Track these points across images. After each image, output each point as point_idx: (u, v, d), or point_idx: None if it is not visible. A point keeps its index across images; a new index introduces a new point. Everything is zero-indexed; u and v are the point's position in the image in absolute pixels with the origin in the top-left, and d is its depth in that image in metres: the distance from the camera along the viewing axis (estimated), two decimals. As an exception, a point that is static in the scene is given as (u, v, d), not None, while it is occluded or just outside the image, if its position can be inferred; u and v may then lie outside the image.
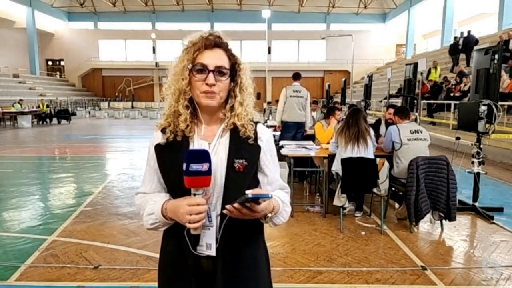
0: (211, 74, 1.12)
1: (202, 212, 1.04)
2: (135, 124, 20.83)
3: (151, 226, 1.18)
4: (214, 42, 1.15)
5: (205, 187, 1.07)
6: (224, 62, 1.15)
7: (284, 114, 6.47)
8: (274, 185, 1.25)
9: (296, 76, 6.66)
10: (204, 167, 1.03)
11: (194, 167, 1.03)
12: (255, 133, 1.20)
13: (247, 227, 1.15)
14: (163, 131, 1.20)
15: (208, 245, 1.13)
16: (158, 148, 1.19)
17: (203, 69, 1.13)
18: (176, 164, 1.10)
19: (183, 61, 1.15)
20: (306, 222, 4.23)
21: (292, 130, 6.41)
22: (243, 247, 1.18)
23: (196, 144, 1.17)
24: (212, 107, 1.16)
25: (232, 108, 1.19)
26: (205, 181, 1.05)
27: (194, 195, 1.06)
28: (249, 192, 1.03)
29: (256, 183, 1.23)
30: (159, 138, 1.20)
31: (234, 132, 1.18)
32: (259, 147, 1.20)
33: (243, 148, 1.17)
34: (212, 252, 1.13)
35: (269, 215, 1.13)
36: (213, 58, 1.14)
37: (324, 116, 5.98)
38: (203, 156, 1.04)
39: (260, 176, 1.23)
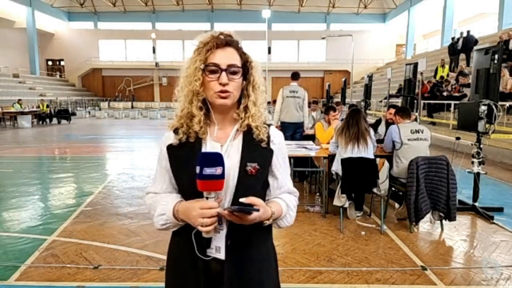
0: (224, 74, 1.11)
1: (214, 215, 1.04)
2: (135, 124, 20.83)
3: (161, 227, 1.17)
4: (226, 41, 1.14)
5: (217, 191, 1.06)
6: (236, 60, 1.15)
7: (282, 114, 6.47)
8: (283, 188, 1.24)
9: (294, 76, 6.63)
10: (218, 171, 1.02)
11: (208, 170, 1.01)
12: (268, 136, 1.20)
13: (255, 229, 1.14)
14: (176, 131, 1.18)
15: (218, 248, 1.13)
16: (170, 148, 1.18)
17: (216, 68, 1.12)
18: (188, 165, 1.10)
19: (195, 62, 1.13)
20: (306, 222, 4.23)
21: (289, 131, 6.40)
22: (251, 249, 1.17)
23: (209, 146, 1.16)
24: (225, 106, 1.15)
25: (246, 109, 1.18)
26: (218, 184, 1.04)
27: (207, 198, 1.05)
28: (243, 200, 1.04)
29: (266, 186, 1.23)
30: (171, 139, 1.19)
31: (247, 134, 1.18)
32: (271, 151, 1.20)
33: (256, 151, 1.16)
34: (221, 256, 1.12)
35: (266, 222, 1.13)
36: (225, 57, 1.13)
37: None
38: (217, 159, 1.03)
39: (270, 180, 1.23)
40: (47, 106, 20.26)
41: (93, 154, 9.87)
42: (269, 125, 1.23)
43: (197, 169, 1.02)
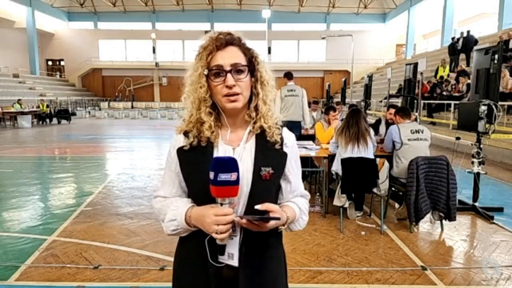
0: (229, 75, 1.07)
1: (229, 222, 1.01)
2: (135, 124, 20.83)
3: (172, 232, 1.13)
4: (226, 41, 1.10)
5: (232, 197, 1.03)
6: (240, 58, 1.10)
7: (282, 114, 6.44)
8: (295, 192, 1.22)
9: (289, 76, 6.65)
10: (233, 176, 0.99)
11: (223, 176, 0.98)
12: (282, 138, 1.16)
13: (269, 235, 1.12)
14: (186, 134, 1.14)
15: (230, 255, 1.10)
16: (180, 151, 1.14)
17: (220, 71, 1.07)
18: (200, 169, 1.07)
19: (197, 69, 1.10)
20: (306, 222, 4.22)
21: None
22: (265, 255, 1.15)
23: (221, 149, 1.12)
24: (237, 109, 1.11)
25: (256, 108, 1.14)
26: (233, 191, 1.01)
27: (221, 204, 1.02)
28: (259, 207, 1.01)
29: (278, 189, 1.20)
30: (181, 142, 1.15)
31: (260, 137, 1.14)
32: (285, 154, 1.16)
33: (270, 155, 1.13)
34: (234, 262, 1.10)
35: (282, 227, 1.11)
36: (228, 57, 1.08)
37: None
38: (232, 165, 1.00)
39: (283, 183, 1.20)
40: (47, 106, 20.27)
41: (93, 154, 9.87)
42: (281, 126, 1.19)
43: (211, 174, 0.99)
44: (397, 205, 4.64)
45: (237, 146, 1.13)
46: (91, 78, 34.93)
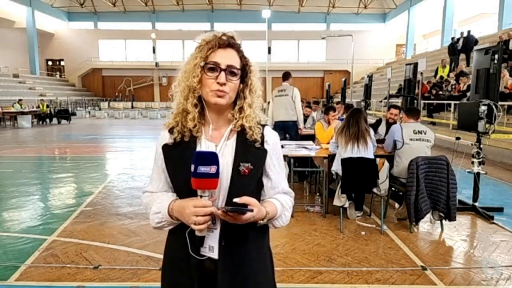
0: (222, 73, 1.13)
1: (208, 214, 1.05)
2: (135, 124, 20.83)
3: (157, 225, 1.18)
4: (228, 42, 1.16)
5: (211, 189, 1.07)
6: (236, 62, 1.16)
7: (274, 115, 6.53)
8: (277, 189, 1.25)
9: (285, 76, 6.59)
10: (212, 169, 1.04)
11: (202, 169, 1.03)
12: (262, 137, 1.20)
13: (250, 229, 1.15)
14: (171, 131, 1.20)
15: (211, 248, 1.13)
16: (165, 148, 1.20)
17: (215, 67, 1.13)
18: (183, 164, 1.11)
19: (195, 59, 1.15)
20: (306, 222, 4.23)
21: (277, 129, 6.30)
22: (245, 249, 1.18)
23: (203, 145, 1.17)
24: (220, 106, 1.16)
25: (241, 110, 1.19)
26: (212, 183, 1.06)
27: (201, 196, 1.07)
28: (237, 200, 1.05)
29: (260, 187, 1.23)
30: (166, 138, 1.20)
31: (241, 134, 1.18)
32: (265, 151, 1.20)
33: (250, 151, 1.17)
34: (214, 255, 1.13)
35: (261, 221, 1.14)
36: (226, 57, 1.14)
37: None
38: (212, 158, 1.05)
39: (264, 180, 1.23)
40: (47, 106, 20.27)
41: (93, 154, 9.87)
42: (263, 126, 1.23)
43: (192, 167, 1.04)
44: (397, 205, 4.64)
45: (219, 143, 1.18)
46: (91, 78, 34.93)
